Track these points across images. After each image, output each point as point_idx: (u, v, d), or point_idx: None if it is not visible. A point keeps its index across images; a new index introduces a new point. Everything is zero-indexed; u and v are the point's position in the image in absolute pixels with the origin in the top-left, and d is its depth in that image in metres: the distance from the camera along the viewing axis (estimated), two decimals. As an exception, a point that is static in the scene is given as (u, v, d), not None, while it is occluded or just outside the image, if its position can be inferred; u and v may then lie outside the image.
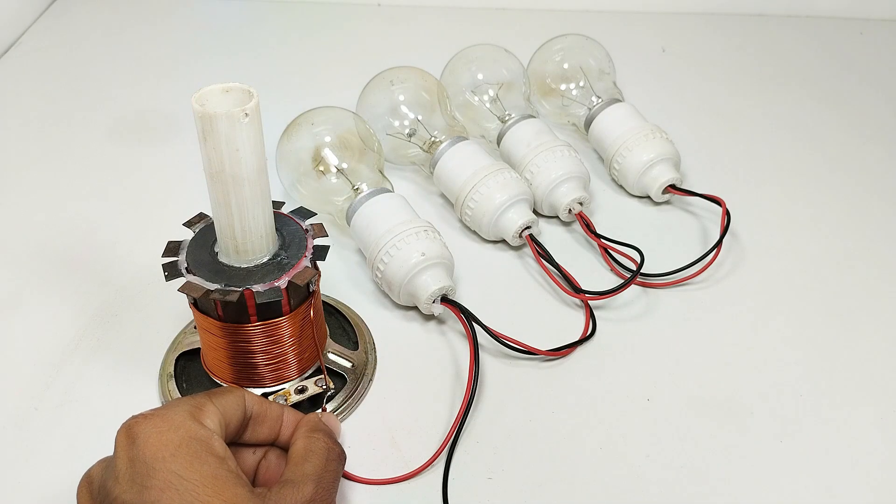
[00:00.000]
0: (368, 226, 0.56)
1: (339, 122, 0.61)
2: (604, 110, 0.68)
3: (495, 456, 0.47)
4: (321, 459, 0.40)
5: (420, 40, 0.91)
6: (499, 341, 0.51)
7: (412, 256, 0.53)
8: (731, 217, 0.61)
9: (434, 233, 0.55)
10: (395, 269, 0.53)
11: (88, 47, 0.89)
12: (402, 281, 0.53)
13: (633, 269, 0.57)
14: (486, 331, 0.51)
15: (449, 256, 0.55)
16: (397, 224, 0.55)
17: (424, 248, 0.53)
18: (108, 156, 0.72)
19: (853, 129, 0.76)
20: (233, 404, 0.40)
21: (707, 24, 0.95)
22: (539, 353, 0.52)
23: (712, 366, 0.53)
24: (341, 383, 0.50)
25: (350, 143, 0.61)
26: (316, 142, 0.60)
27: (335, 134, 0.61)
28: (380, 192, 0.58)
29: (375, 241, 0.55)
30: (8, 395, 0.50)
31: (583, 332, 0.54)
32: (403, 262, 0.53)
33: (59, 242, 0.62)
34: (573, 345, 0.53)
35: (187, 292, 0.43)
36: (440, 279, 0.53)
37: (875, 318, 0.56)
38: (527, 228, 0.60)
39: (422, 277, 0.53)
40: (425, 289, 0.53)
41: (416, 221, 0.55)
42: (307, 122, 0.61)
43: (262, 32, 0.92)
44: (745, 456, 0.47)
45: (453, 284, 0.54)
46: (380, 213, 0.56)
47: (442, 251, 0.54)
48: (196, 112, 0.40)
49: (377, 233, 0.55)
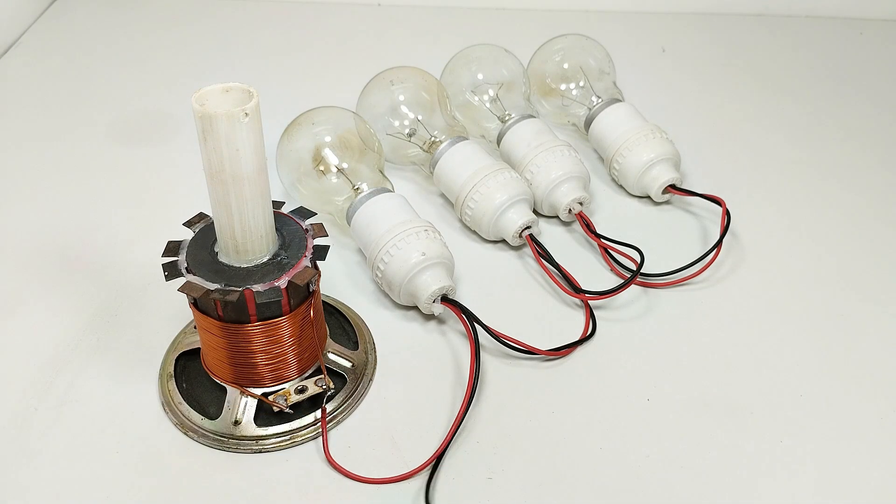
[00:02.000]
0: (369, 225, 0.56)
1: (339, 121, 0.61)
2: (604, 110, 0.68)
3: (495, 456, 0.47)
4: None
5: (420, 40, 0.91)
6: (499, 341, 0.51)
7: (412, 256, 0.53)
8: (732, 217, 0.61)
9: (434, 233, 0.55)
10: (395, 268, 0.53)
11: (88, 47, 0.89)
12: (403, 280, 0.53)
13: (633, 269, 0.57)
14: (486, 330, 0.51)
15: (449, 256, 0.55)
16: (398, 224, 0.55)
17: (425, 248, 0.53)
18: (108, 156, 0.72)
19: (853, 130, 0.76)
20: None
21: (707, 24, 0.95)
22: (539, 353, 0.52)
23: (712, 366, 0.53)
24: (341, 383, 0.50)
25: (350, 142, 0.61)
26: (316, 141, 0.60)
27: (335, 134, 0.61)
28: (380, 192, 0.58)
29: (376, 240, 0.55)
30: (8, 395, 0.50)
31: (583, 332, 0.54)
32: (404, 261, 0.53)
33: (59, 242, 0.62)
34: (573, 345, 0.53)
35: (187, 292, 0.43)
36: (440, 279, 0.53)
37: (875, 318, 0.56)
38: (527, 228, 0.60)
39: (422, 277, 0.53)
40: (426, 288, 0.53)
41: (416, 221, 0.55)
42: (308, 122, 0.61)
43: (262, 32, 0.92)
44: (745, 456, 0.47)
45: (453, 284, 0.54)
46: (380, 212, 0.56)
47: (442, 251, 0.54)
48: (196, 112, 0.40)
49: (378, 232, 0.55)
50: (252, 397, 0.47)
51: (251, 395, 0.47)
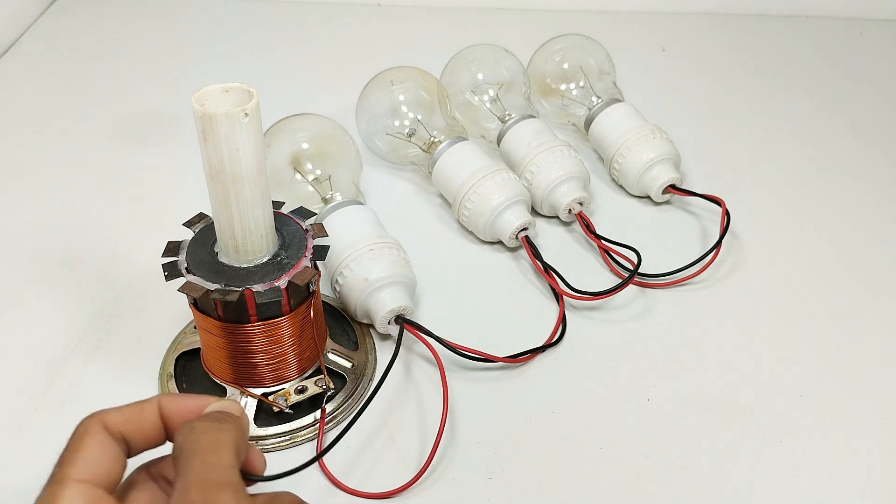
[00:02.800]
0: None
1: (317, 129, 0.61)
2: (604, 110, 0.68)
3: (495, 456, 0.47)
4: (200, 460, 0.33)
5: (420, 40, 0.91)
6: (459, 353, 0.50)
7: (364, 276, 0.51)
8: (732, 217, 0.61)
9: (393, 250, 0.53)
10: (348, 288, 0.52)
11: (88, 47, 0.89)
12: (357, 301, 0.52)
13: (632, 270, 0.57)
14: (446, 346, 0.50)
15: (407, 274, 0.53)
16: (353, 241, 0.53)
17: (378, 269, 0.52)
18: (108, 156, 0.72)
19: (853, 130, 0.76)
20: (94, 455, 0.34)
21: (707, 24, 0.95)
22: (497, 360, 0.51)
23: (713, 366, 0.53)
24: (341, 383, 0.50)
25: (327, 151, 0.60)
26: (294, 149, 0.59)
27: (313, 141, 0.60)
28: (349, 204, 0.56)
29: (333, 258, 0.53)
30: (8, 395, 0.50)
31: (549, 338, 0.53)
32: (357, 281, 0.52)
33: (59, 242, 0.62)
34: (534, 350, 0.52)
35: (187, 292, 0.43)
36: (397, 299, 0.51)
37: (875, 318, 0.56)
38: (523, 230, 0.59)
39: (378, 296, 0.52)
40: (380, 308, 0.51)
41: (372, 238, 0.53)
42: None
43: (262, 32, 0.92)
44: (745, 456, 0.47)
45: (410, 304, 0.52)
46: (340, 228, 0.55)
47: (395, 269, 0.52)
48: (196, 112, 0.40)
49: (335, 249, 0.53)
50: (252, 397, 0.47)
51: (251, 396, 0.47)
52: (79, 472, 0.33)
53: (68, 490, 0.32)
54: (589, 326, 0.55)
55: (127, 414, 0.36)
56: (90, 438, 0.34)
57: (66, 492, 0.32)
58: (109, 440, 0.34)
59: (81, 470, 0.33)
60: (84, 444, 0.34)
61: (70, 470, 0.33)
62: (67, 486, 0.32)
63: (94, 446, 0.34)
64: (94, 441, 0.34)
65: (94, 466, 0.33)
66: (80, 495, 0.32)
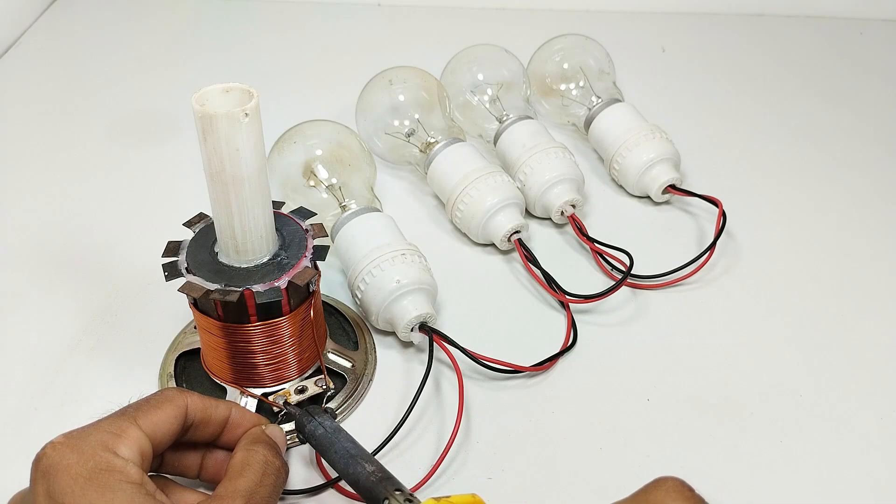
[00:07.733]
0: (349, 249, 0.54)
1: (331, 136, 0.60)
2: (604, 110, 0.68)
3: (495, 456, 0.47)
4: (256, 474, 0.38)
5: (420, 40, 0.91)
6: (482, 364, 0.50)
7: (388, 283, 0.51)
8: (730, 217, 0.61)
9: (415, 256, 0.53)
10: (371, 295, 0.52)
11: (88, 47, 0.89)
12: (380, 308, 0.51)
13: (624, 272, 0.57)
14: (469, 357, 0.50)
15: (429, 281, 0.53)
16: (377, 247, 0.53)
17: (401, 274, 0.51)
18: (108, 156, 0.72)
19: (853, 130, 0.76)
20: (165, 420, 0.37)
21: (707, 24, 0.95)
22: (524, 370, 0.51)
23: (713, 366, 0.53)
24: (341, 383, 0.50)
25: (342, 158, 0.59)
26: (307, 156, 0.59)
27: (327, 148, 0.59)
28: (365, 212, 0.56)
29: (354, 265, 0.53)
30: (8, 395, 0.50)
31: (563, 343, 0.53)
32: (379, 288, 0.51)
33: (59, 242, 0.62)
34: (555, 357, 0.52)
35: (187, 292, 0.43)
36: (419, 306, 0.51)
37: (874, 318, 0.56)
38: (516, 233, 0.59)
39: (401, 303, 0.51)
40: (403, 316, 0.51)
41: (396, 244, 0.53)
42: (300, 134, 0.60)
43: (262, 32, 0.92)
44: (745, 456, 0.47)
45: (433, 311, 0.52)
46: (361, 234, 0.54)
47: (420, 276, 0.52)
48: (196, 112, 0.40)
49: (356, 256, 0.53)
50: (252, 397, 0.47)
51: (251, 396, 0.47)
52: (146, 426, 0.37)
53: (136, 432, 0.36)
54: (584, 329, 0.55)
55: (206, 404, 0.40)
56: (171, 407, 0.38)
57: (134, 431, 0.36)
58: (182, 419, 0.38)
59: (149, 425, 0.37)
60: (163, 409, 0.38)
61: (142, 419, 0.37)
62: (135, 429, 0.36)
63: (169, 415, 0.38)
64: (173, 411, 0.38)
65: (158, 432, 0.37)
66: (144, 439, 0.36)
